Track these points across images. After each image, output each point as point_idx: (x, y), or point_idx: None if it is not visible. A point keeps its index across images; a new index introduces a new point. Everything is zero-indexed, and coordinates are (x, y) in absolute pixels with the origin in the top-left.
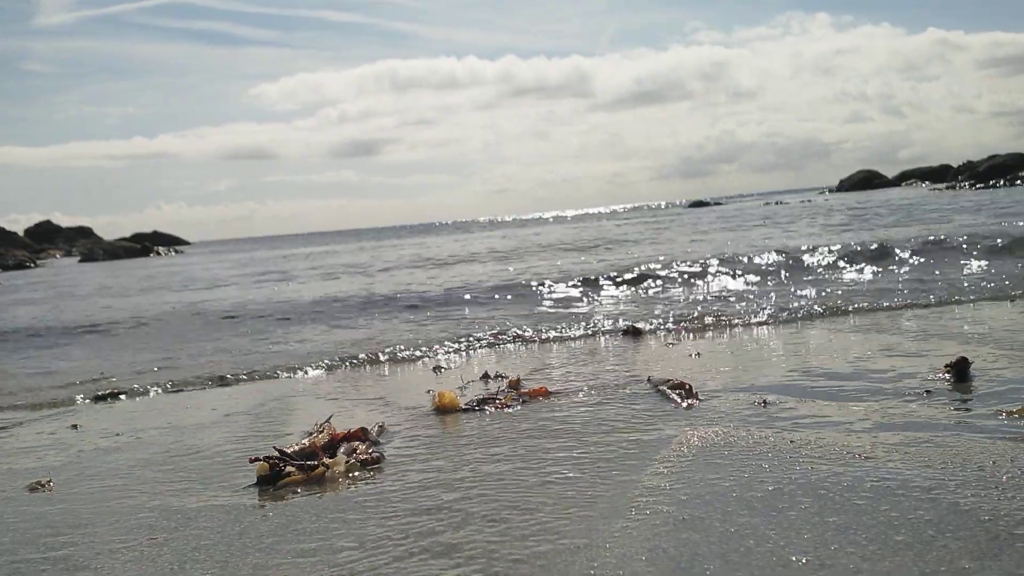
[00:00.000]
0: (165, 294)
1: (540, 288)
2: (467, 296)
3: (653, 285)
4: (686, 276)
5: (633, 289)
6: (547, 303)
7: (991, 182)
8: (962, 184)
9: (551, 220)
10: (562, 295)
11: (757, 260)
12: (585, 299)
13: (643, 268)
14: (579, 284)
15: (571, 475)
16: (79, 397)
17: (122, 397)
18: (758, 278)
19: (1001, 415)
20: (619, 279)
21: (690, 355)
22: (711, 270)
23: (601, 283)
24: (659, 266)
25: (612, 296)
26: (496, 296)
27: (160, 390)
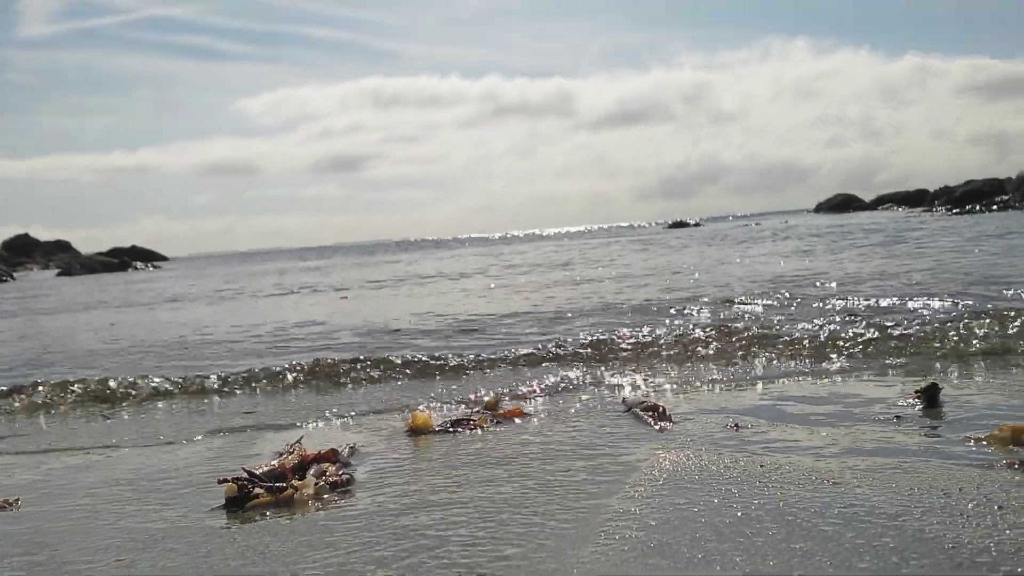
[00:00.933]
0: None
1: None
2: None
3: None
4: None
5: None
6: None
7: (967, 207)
8: (938, 208)
9: (542, 236)
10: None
11: (756, 284)
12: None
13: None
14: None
15: (541, 498)
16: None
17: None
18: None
19: (969, 442)
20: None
21: (663, 378)
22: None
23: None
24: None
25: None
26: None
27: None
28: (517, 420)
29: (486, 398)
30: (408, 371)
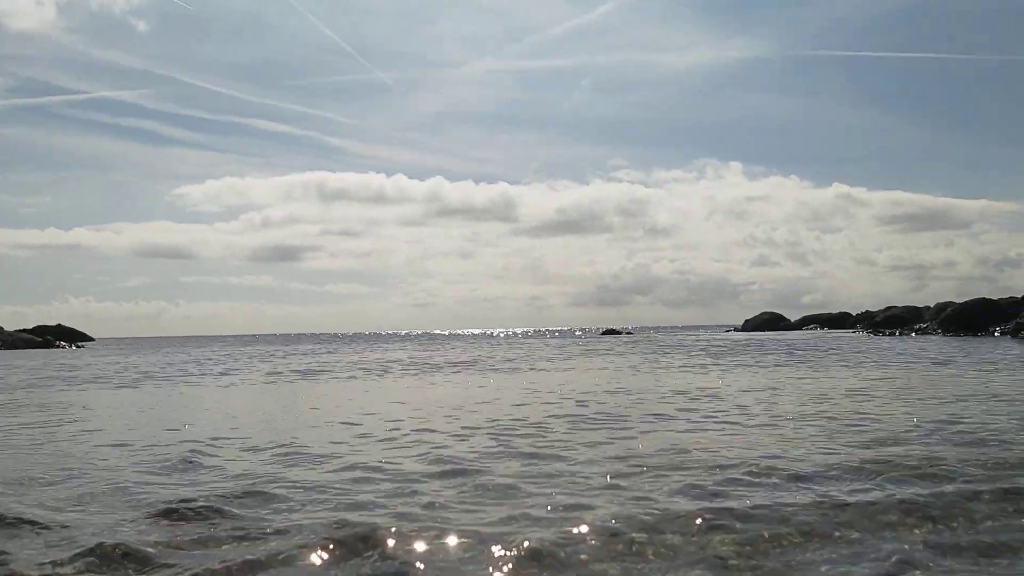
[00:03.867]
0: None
1: None
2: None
3: None
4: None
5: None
6: None
7: (887, 331)
8: (859, 331)
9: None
10: None
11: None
12: None
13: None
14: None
15: None
16: None
17: None
18: None
19: None
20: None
21: None
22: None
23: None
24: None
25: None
26: None
27: None
28: None
29: None
30: None
